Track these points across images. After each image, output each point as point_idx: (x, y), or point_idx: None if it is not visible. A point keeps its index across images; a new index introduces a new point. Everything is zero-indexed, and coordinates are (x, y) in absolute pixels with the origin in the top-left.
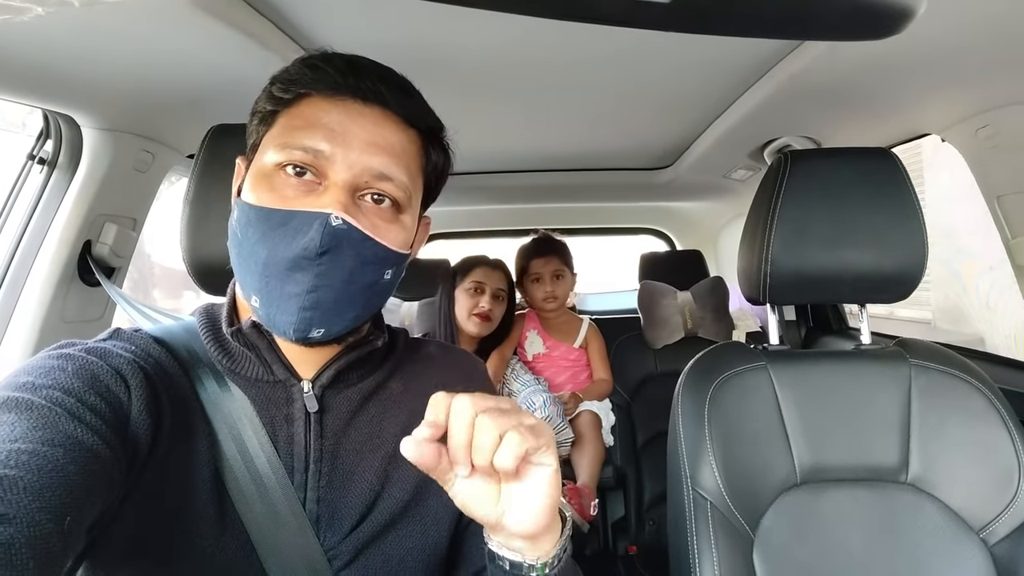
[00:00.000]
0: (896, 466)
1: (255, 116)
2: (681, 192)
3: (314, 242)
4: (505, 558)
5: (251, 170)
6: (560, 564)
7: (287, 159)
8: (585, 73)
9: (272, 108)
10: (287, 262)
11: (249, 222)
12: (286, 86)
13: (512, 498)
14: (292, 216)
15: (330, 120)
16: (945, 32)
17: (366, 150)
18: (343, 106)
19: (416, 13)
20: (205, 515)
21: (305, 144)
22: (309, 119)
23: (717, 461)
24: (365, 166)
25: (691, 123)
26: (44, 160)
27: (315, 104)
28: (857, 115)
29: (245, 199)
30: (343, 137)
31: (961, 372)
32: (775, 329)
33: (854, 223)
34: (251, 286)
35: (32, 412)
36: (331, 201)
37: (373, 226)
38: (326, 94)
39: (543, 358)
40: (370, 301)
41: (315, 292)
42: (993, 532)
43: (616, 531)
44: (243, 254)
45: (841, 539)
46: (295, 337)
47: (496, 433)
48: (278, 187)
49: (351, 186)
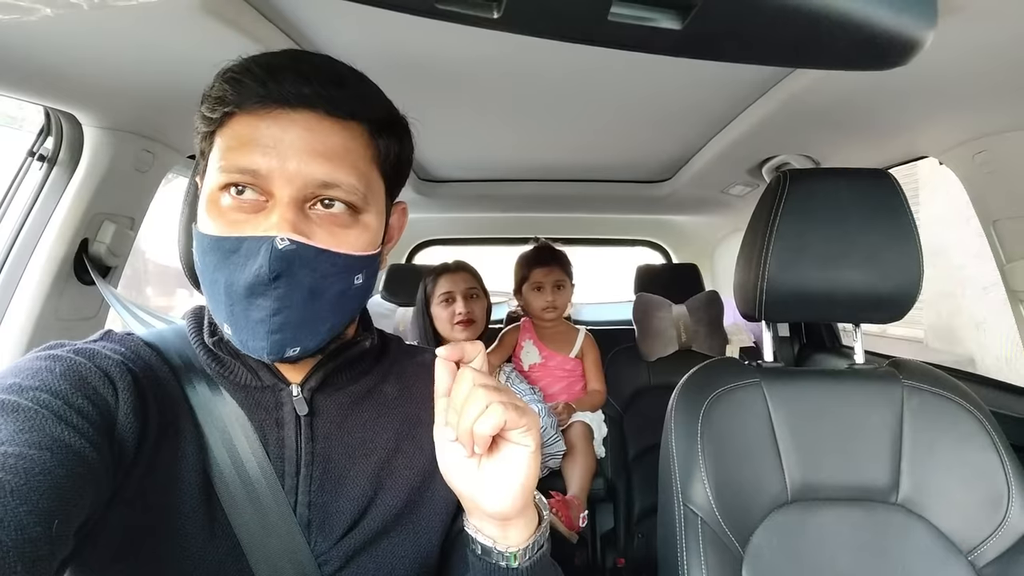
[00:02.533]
0: (887, 487)
1: (197, 136)
2: (679, 206)
3: (263, 268)
4: (478, 542)
5: (202, 194)
6: (531, 559)
7: (227, 180)
8: (586, 85)
9: (207, 129)
10: (244, 289)
11: (204, 251)
12: (212, 106)
13: (490, 474)
14: (240, 243)
15: (260, 135)
16: (946, 58)
17: (304, 159)
18: (271, 118)
19: (425, 25)
20: (194, 519)
21: (240, 164)
22: (241, 138)
23: (709, 477)
24: (306, 177)
25: (691, 138)
26: (44, 157)
27: (244, 121)
28: (856, 136)
29: (200, 227)
30: (277, 151)
31: (953, 394)
32: (769, 346)
33: (851, 243)
34: (220, 315)
35: (18, 414)
36: (278, 220)
37: (329, 236)
38: (251, 109)
39: (539, 368)
40: (343, 308)
41: (279, 315)
42: (982, 555)
43: (605, 543)
44: (206, 282)
45: (830, 558)
46: (271, 359)
47: (483, 403)
48: (225, 212)
49: (297, 200)
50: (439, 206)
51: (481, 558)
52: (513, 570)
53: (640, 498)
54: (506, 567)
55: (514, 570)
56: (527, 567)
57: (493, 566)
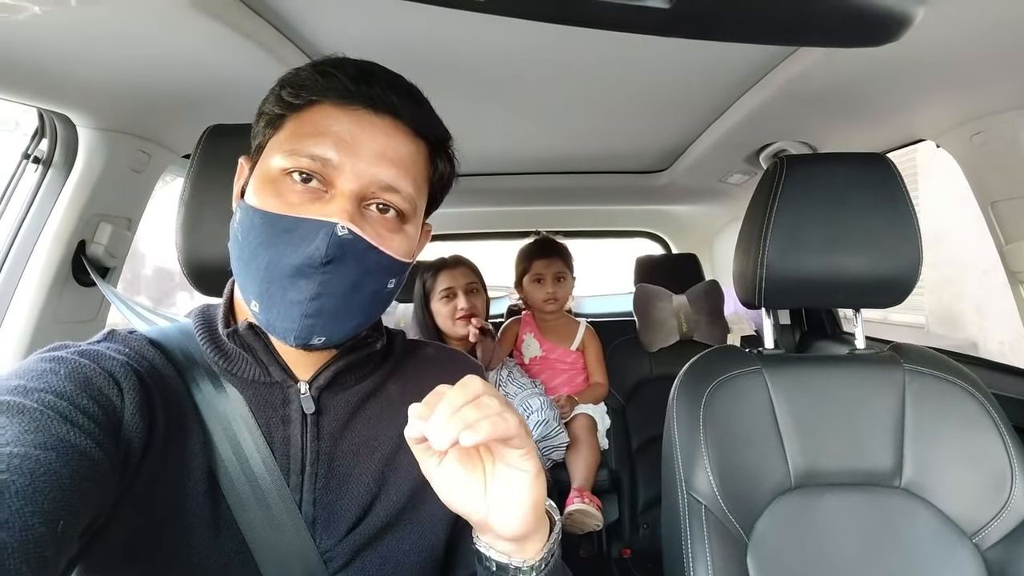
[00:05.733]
0: (890, 471)
1: (262, 118)
2: (677, 196)
3: (320, 251)
4: (492, 559)
5: (256, 173)
6: (547, 568)
7: (294, 166)
8: (582, 76)
9: (280, 112)
10: (291, 269)
11: (252, 226)
12: (296, 91)
13: (495, 498)
14: (298, 223)
15: (340, 129)
16: (941, 39)
17: (375, 161)
18: (354, 115)
19: (412, 15)
20: (200, 517)
21: (314, 152)
22: (319, 126)
23: (712, 465)
24: (373, 177)
25: (687, 127)
26: (39, 159)
27: (325, 111)
28: (853, 120)
29: (249, 202)
30: (352, 147)
31: (954, 377)
32: (770, 333)
33: (849, 228)
34: (251, 290)
35: (24, 415)
36: (338, 210)
37: (378, 236)
38: (337, 102)
39: (540, 361)
40: (373, 309)
41: (318, 300)
42: (986, 537)
43: (610, 534)
44: (244, 257)
45: (835, 543)
46: (295, 344)
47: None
48: (283, 192)
49: (358, 196)
50: None
51: (496, 574)
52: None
53: (644, 489)
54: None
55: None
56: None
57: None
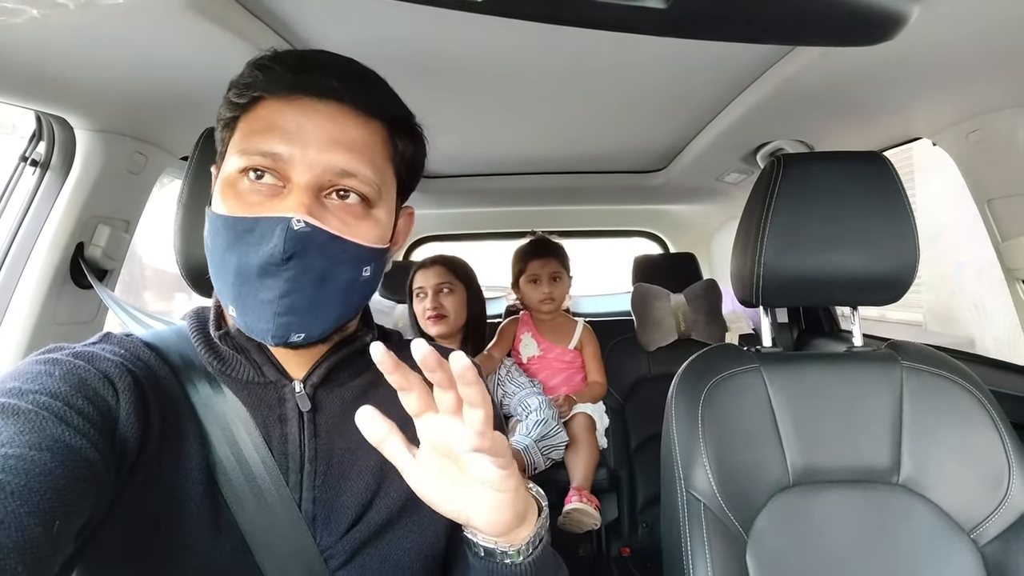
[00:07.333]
0: (888, 467)
1: (219, 124)
2: (674, 195)
3: (278, 248)
4: (479, 544)
5: (218, 179)
6: (535, 552)
7: (248, 164)
8: (578, 76)
9: (232, 114)
10: (256, 269)
11: (218, 232)
12: (241, 91)
13: (474, 505)
14: (256, 223)
15: (285, 121)
16: (936, 38)
17: (325, 148)
18: (297, 105)
19: (412, 16)
20: (199, 518)
21: (263, 148)
22: (265, 122)
23: (710, 463)
24: (326, 164)
25: (684, 126)
26: (37, 162)
27: (270, 106)
28: (849, 119)
29: (214, 209)
30: (300, 137)
31: (952, 374)
32: (768, 331)
33: (846, 226)
34: (227, 296)
35: (19, 417)
36: (294, 204)
37: (343, 224)
38: (280, 95)
39: (538, 360)
40: (350, 299)
41: (288, 297)
42: (984, 532)
43: (609, 533)
44: (215, 263)
45: (833, 540)
46: (275, 343)
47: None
48: (242, 194)
49: (314, 186)
50: (435, 202)
51: (484, 559)
52: (517, 564)
53: (643, 487)
54: (510, 564)
55: (518, 564)
56: (531, 561)
57: (497, 565)
